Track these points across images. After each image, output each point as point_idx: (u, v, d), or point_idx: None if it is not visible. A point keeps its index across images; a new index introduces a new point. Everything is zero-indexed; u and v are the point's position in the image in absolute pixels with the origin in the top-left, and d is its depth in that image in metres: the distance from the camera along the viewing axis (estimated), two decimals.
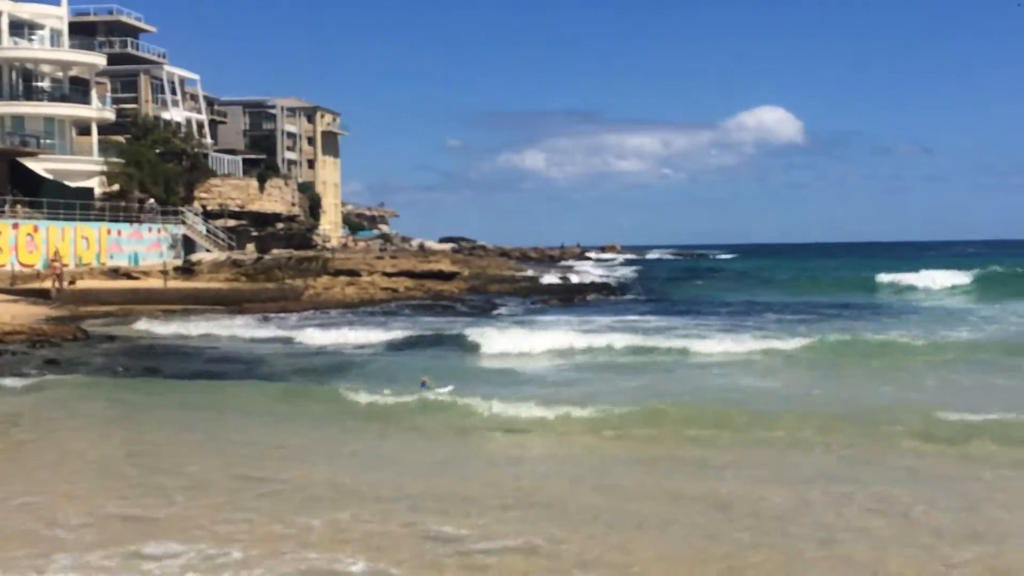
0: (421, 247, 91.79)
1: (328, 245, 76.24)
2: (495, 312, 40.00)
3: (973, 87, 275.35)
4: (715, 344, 25.34)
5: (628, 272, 77.39)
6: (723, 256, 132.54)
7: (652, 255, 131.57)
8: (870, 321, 34.04)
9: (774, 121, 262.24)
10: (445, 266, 57.96)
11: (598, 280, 61.93)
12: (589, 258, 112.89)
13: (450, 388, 18.48)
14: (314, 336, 29.66)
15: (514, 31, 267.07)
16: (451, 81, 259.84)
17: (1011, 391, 18.26)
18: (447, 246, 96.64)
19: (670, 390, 18.52)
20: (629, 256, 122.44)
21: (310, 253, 60.20)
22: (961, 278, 53.14)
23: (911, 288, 51.93)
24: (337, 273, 52.41)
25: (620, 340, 26.19)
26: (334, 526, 9.93)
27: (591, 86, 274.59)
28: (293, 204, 72.37)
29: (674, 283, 61.47)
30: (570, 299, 47.86)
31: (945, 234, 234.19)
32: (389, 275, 52.89)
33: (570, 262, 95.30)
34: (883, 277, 55.15)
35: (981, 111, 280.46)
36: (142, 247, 51.98)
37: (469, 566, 8.76)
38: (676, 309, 41.32)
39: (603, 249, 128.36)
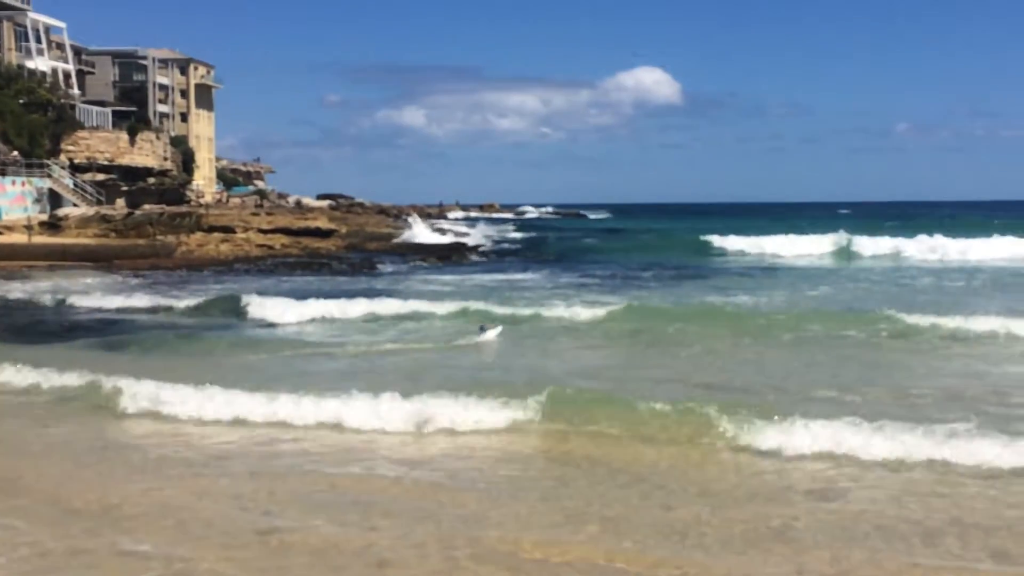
0: (298, 204, 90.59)
1: (202, 201, 74.71)
2: (376, 271, 40.11)
3: (850, 47, 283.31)
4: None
5: (506, 231, 78.00)
6: (599, 216, 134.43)
7: (531, 214, 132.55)
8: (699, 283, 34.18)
9: (652, 82, 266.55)
10: (322, 223, 57.57)
11: (477, 238, 62.48)
12: (469, 216, 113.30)
13: (499, 329, 19.49)
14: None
15: None
16: (330, 35, 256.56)
17: (740, 364, 16.98)
18: (325, 203, 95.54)
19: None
20: (507, 215, 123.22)
21: (183, 209, 59.11)
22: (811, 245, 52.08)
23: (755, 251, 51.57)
24: (211, 230, 51.61)
25: (474, 304, 23.89)
26: None
27: (472, 43, 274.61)
28: (165, 158, 70.66)
29: (554, 242, 62.12)
30: (448, 257, 48.19)
31: (822, 195, 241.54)
32: (265, 232, 52.33)
33: (449, 219, 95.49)
34: (732, 240, 54.55)
35: (857, 72, 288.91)
36: (5, 201, 50.18)
37: None
38: (555, 267, 41.95)
39: (482, 207, 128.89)
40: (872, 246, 49.94)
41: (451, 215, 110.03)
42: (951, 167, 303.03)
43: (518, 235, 71.74)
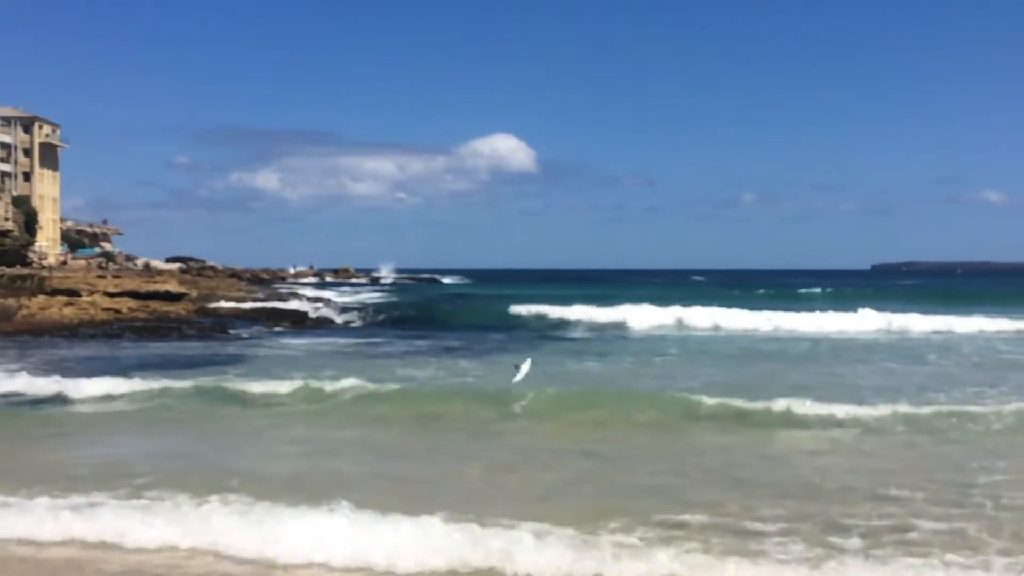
0: (147, 267, 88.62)
1: (45, 263, 72.37)
2: (228, 335, 39.68)
3: (694, 119, 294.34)
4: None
5: (362, 295, 77.87)
6: (455, 280, 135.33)
7: (386, 279, 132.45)
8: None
9: (507, 149, 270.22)
10: (172, 286, 56.48)
11: (332, 304, 62.14)
12: (323, 280, 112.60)
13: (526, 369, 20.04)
14: None
15: (245, 46, 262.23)
16: (180, 96, 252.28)
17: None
18: (174, 266, 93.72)
19: None
20: (362, 280, 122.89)
21: (24, 271, 57.20)
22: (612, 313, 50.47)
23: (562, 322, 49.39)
24: (55, 292, 50.09)
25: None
26: None
27: (327, 107, 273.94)
28: (6, 219, 68.38)
29: (408, 308, 62.23)
30: (301, 322, 47.96)
31: (668, 263, 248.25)
32: (111, 295, 51.02)
33: (302, 284, 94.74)
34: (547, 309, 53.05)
35: (701, 143, 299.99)
36: None
37: None
38: (399, 335, 42.21)
39: (336, 272, 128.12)
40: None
41: (304, 280, 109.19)
42: (796, 237, 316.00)
43: (374, 298, 71.71)
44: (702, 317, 48.30)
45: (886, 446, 16.07)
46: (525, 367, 20.40)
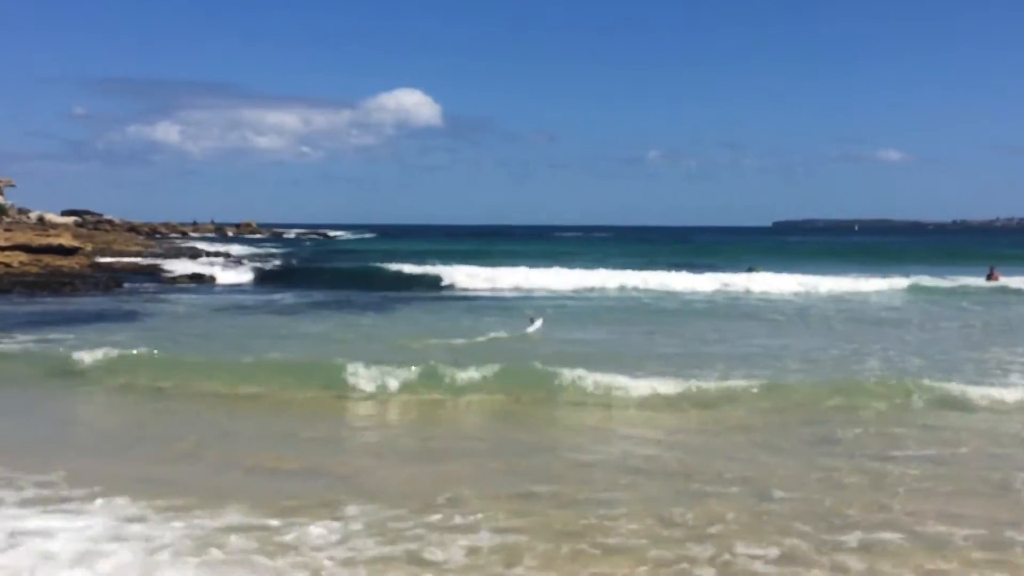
0: (40, 220, 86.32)
1: None
2: (123, 289, 39.27)
3: (596, 79, 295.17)
4: None
5: (265, 251, 77.22)
6: (359, 236, 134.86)
7: (289, 234, 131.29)
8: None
9: (413, 104, 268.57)
10: (66, 240, 55.14)
11: (231, 258, 61.60)
12: (226, 235, 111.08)
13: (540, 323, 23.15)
14: None
15: None
16: (75, 46, 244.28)
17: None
18: (70, 219, 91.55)
19: None
20: (264, 235, 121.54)
21: None
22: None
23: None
24: None
25: None
26: None
27: (229, 59, 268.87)
28: None
29: (306, 265, 61.87)
30: (201, 278, 47.52)
31: (570, 219, 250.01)
32: (2, 249, 49.81)
33: (202, 239, 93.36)
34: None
35: (603, 102, 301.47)
36: None
37: None
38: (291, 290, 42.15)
39: (239, 226, 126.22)
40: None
41: (204, 234, 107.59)
42: (698, 194, 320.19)
43: (275, 253, 71.15)
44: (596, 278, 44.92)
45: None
46: (539, 322, 23.59)
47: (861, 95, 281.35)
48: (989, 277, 43.74)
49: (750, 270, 46.86)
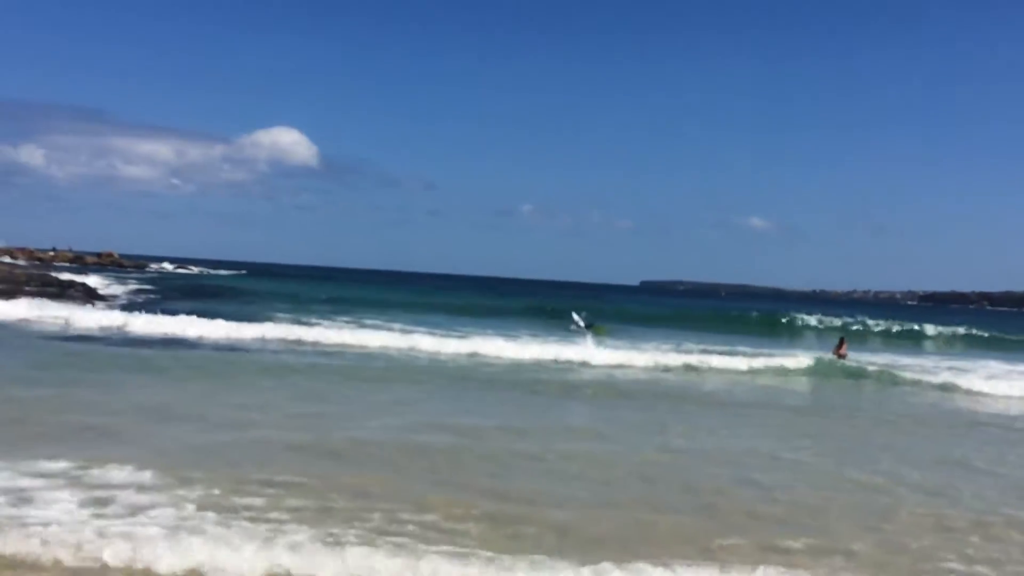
0: None
1: None
2: None
3: (474, 129, 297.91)
4: None
5: (126, 286, 74.92)
6: (224, 272, 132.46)
7: (152, 267, 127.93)
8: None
9: (289, 142, 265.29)
10: None
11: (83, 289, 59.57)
12: (85, 264, 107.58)
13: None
14: None
15: (12, 13, 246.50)
16: None
17: None
18: None
19: None
20: (129, 267, 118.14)
21: None
22: None
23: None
24: None
25: None
26: None
27: (97, 84, 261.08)
28: None
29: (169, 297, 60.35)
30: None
31: (444, 268, 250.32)
32: None
33: (58, 267, 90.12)
34: None
35: (479, 153, 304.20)
36: None
37: None
38: None
39: (100, 256, 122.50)
40: None
41: (59, 263, 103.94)
42: (572, 250, 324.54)
43: (141, 287, 69.13)
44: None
45: None
46: (581, 321, 25.32)
47: (728, 163, 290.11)
48: (838, 350, 40.62)
49: (589, 327, 36.54)
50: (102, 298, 53.69)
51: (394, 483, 12.50)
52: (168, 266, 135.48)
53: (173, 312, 38.22)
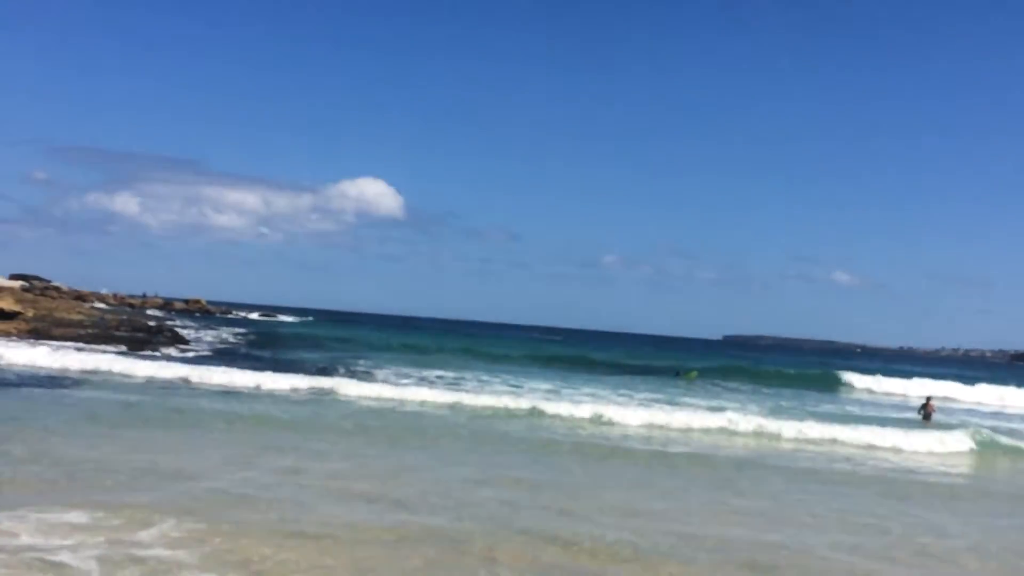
0: None
1: None
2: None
3: (556, 179, 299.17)
4: None
5: (217, 332, 76.70)
6: (306, 319, 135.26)
7: (240, 314, 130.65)
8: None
9: (375, 193, 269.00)
10: (6, 304, 54.70)
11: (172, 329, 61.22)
12: (173, 310, 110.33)
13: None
14: None
15: (113, 67, 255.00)
16: (40, 109, 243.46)
17: None
18: (16, 283, 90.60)
19: None
20: (213, 313, 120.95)
21: None
22: None
23: None
24: None
25: None
26: None
27: (191, 135, 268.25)
28: None
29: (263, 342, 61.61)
30: (140, 347, 47.28)
31: (527, 319, 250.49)
32: None
33: (148, 313, 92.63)
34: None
35: (562, 203, 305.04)
36: None
37: None
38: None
39: (187, 302, 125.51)
40: None
41: (150, 308, 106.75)
42: (653, 301, 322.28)
43: (231, 336, 70.67)
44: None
45: None
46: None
47: (814, 215, 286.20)
48: (924, 409, 38.87)
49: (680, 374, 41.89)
50: (186, 342, 55.30)
51: None
52: (254, 315, 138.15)
53: (258, 359, 39.15)
